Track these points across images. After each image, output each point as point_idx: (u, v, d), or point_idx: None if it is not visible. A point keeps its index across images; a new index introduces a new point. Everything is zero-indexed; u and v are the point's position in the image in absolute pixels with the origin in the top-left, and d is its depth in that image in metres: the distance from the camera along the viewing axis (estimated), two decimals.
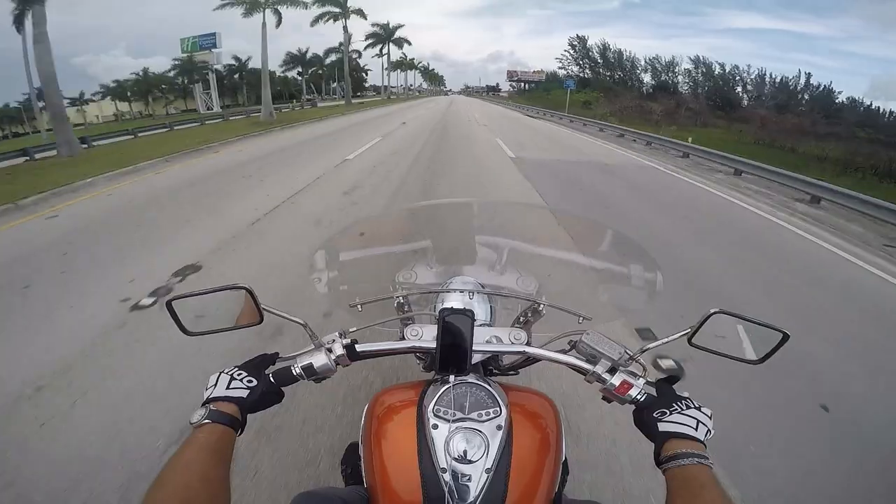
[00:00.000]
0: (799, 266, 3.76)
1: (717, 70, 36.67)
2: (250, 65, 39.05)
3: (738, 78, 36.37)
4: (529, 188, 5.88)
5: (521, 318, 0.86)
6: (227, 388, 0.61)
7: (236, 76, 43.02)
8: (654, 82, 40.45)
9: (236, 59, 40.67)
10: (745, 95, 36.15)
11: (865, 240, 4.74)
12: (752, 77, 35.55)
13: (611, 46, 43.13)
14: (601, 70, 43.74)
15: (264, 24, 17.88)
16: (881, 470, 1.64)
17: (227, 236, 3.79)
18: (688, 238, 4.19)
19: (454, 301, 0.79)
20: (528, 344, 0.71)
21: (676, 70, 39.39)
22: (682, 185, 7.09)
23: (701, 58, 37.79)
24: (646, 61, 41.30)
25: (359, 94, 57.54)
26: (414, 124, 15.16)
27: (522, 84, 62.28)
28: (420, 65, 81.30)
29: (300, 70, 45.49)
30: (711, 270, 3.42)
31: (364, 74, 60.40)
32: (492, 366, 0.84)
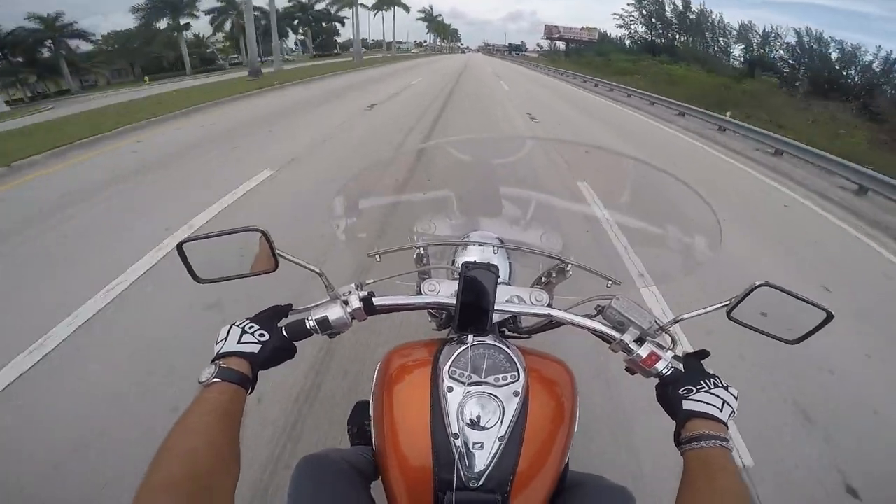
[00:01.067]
0: None
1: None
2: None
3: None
4: None
5: (543, 279, 0.81)
6: (238, 342, 0.58)
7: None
8: (746, 56, 28.17)
9: None
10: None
11: None
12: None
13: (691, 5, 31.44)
14: (677, 34, 31.93)
15: None
16: None
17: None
18: None
19: (474, 255, 0.75)
20: (550, 306, 0.68)
21: (775, 43, 26.99)
22: None
23: (811, 29, 24.96)
24: (740, 28, 28.75)
25: (325, 52, 45.10)
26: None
27: (560, 44, 53.73)
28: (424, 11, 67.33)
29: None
30: None
31: (338, 25, 46.40)
32: (506, 327, 0.81)
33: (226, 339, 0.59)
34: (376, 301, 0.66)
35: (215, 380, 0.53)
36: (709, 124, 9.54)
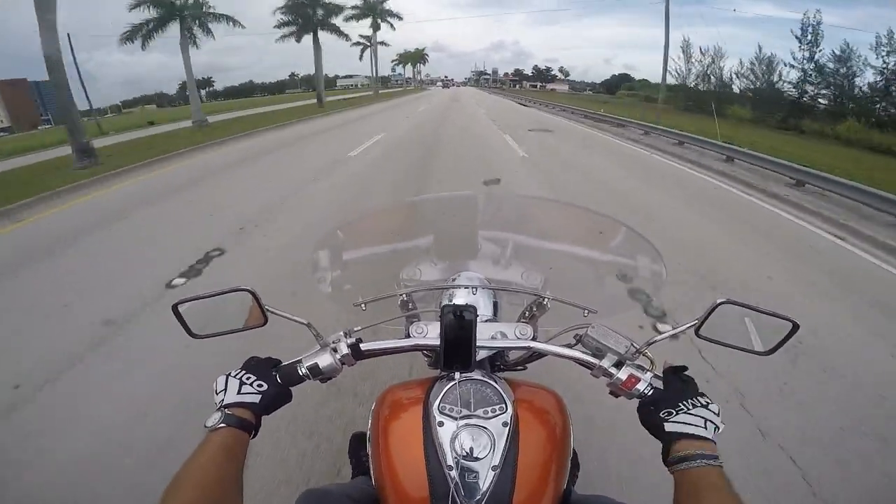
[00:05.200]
0: None
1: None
2: None
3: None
4: None
5: (527, 313, 0.86)
6: (239, 393, 0.62)
7: None
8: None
9: None
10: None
11: None
12: None
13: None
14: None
15: None
16: None
17: None
18: None
19: (459, 297, 0.79)
20: (533, 339, 0.72)
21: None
22: None
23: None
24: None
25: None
26: None
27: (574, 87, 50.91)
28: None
29: None
30: None
31: None
32: (498, 361, 0.85)
33: (225, 389, 0.62)
34: (364, 346, 0.69)
35: (221, 425, 0.57)
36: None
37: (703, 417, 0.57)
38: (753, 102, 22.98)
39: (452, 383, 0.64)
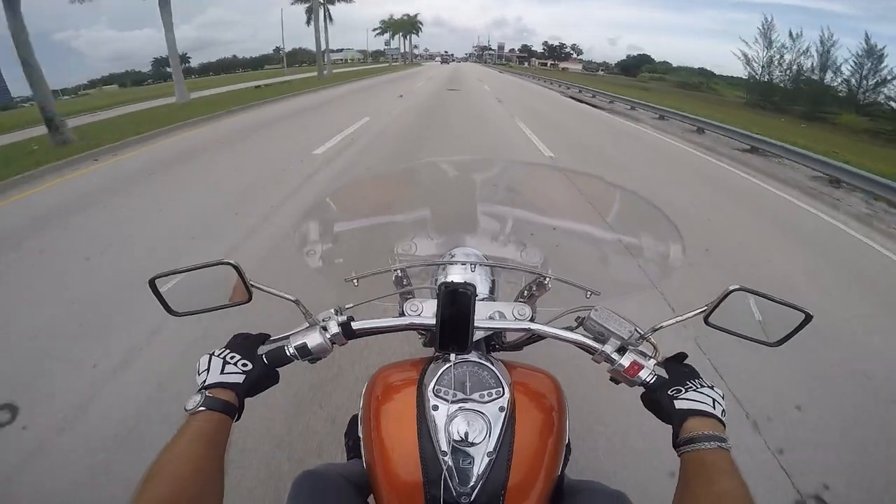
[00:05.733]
0: None
1: None
2: None
3: None
4: None
5: (526, 293, 0.87)
6: (222, 373, 0.63)
7: None
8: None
9: None
10: None
11: None
12: None
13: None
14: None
15: None
16: None
17: None
18: None
19: (455, 274, 0.81)
20: (532, 320, 0.74)
21: None
22: None
23: None
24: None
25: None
26: None
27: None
28: None
29: None
30: None
31: None
32: (494, 342, 0.87)
33: (208, 370, 0.63)
34: (356, 325, 0.71)
35: (201, 408, 0.58)
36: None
37: (711, 397, 0.60)
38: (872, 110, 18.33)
39: (448, 365, 0.66)
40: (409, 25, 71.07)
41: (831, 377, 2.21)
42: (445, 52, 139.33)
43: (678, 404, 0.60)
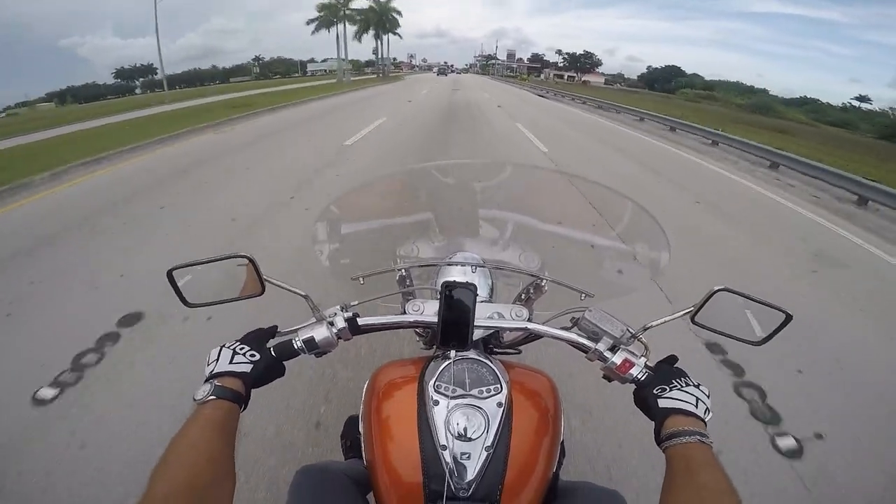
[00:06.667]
0: None
1: None
2: None
3: None
4: None
5: (523, 295, 1.03)
6: (231, 362, 0.73)
7: None
8: None
9: None
10: None
11: None
12: None
13: None
14: None
15: None
16: None
17: None
18: None
19: (455, 275, 0.95)
20: (529, 320, 0.87)
21: None
22: None
23: None
24: None
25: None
26: None
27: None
28: None
29: None
30: None
31: None
32: (492, 343, 1.00)
33: (217, 360, 0.75)
34: (361, 321, 0.84)
35: (211, 397, 0.68)
36: None
37: (695, 396, 0.71)
38: None
39: (448, 362, 0.79)
40: (377, 17, 48.74)
41: None
42: (444, 62, 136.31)
43: (661, 402, 0.71)
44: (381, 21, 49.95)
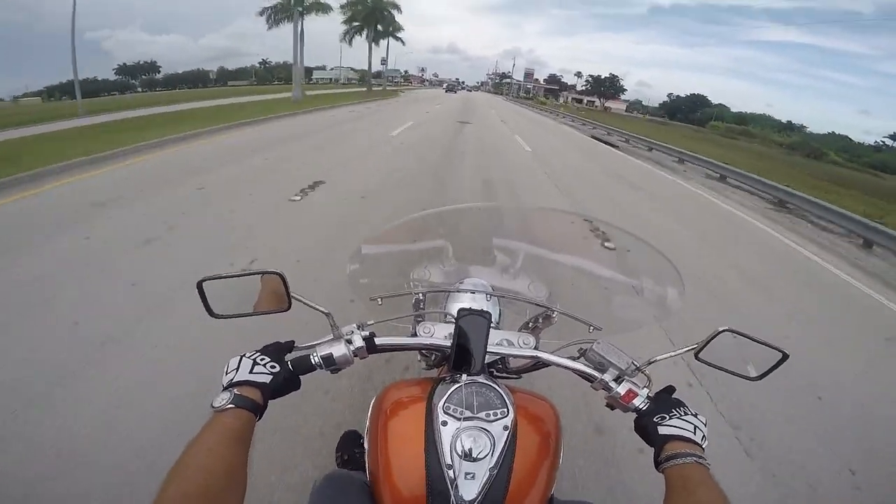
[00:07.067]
0: None
1: None
2: None
3: None
4: None
5: (531, 323, 1.11)
6: (251, 372, 0.79)
7: None
8: None
9: None
10: None
11: None
12: None
13: None
14: None
15: None
16: None
17: None
18: None
19: (466, 302, 1.04)
20: (536, 348, 0.95)
21: None
22: None
23: None
24: None
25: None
26: None
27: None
28: None
29: None
30: None
31: None
32: (494, 368, 1.08)
33: (237, 368, 0.80)
34: (378, 341, 0.93)
35: (230, 406, 0.72)
36: None
37: (693, 424, 0.79)
38: None
39: (458, 385, 0.86)
40: (369, 11, 39.75)
41: None
42: (455, 79, 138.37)
43: (661, 430, 0.79)
44: (374, 17, 40.33)
